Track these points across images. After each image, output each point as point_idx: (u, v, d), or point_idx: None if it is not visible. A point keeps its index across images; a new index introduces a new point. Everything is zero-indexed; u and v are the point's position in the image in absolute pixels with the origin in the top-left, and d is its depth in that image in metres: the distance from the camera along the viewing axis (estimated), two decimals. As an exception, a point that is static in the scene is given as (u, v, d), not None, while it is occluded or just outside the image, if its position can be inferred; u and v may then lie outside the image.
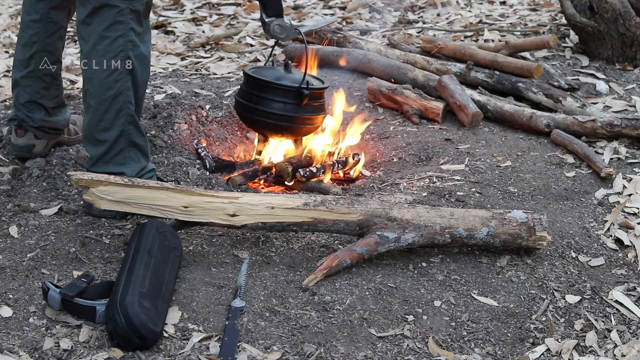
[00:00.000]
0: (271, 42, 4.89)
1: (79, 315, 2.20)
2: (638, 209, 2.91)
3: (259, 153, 3.39)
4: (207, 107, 3.76)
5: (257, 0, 3.03)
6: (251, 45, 4.87)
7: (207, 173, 3.16)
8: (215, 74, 4.36)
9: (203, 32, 5.10)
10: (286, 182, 3.18)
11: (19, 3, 5.44)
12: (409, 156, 3.37)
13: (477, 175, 3.11)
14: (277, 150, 3.39)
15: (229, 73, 4.38)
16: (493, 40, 4.67)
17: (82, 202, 2.74)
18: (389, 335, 2.26)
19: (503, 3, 5.67)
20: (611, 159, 3.29)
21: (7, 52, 4.55)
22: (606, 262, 2.64)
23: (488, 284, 2.48)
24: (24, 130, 3.04)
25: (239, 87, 3.37)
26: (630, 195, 3.00)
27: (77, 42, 2.72)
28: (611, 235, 2.76)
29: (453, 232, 2.52)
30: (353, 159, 3.32)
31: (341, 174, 3.34)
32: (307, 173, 3.16)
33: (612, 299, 2.48)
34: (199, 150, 3.35)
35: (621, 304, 2.46)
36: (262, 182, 3.25)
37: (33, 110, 3.01)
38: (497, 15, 5.36)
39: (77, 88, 3.97)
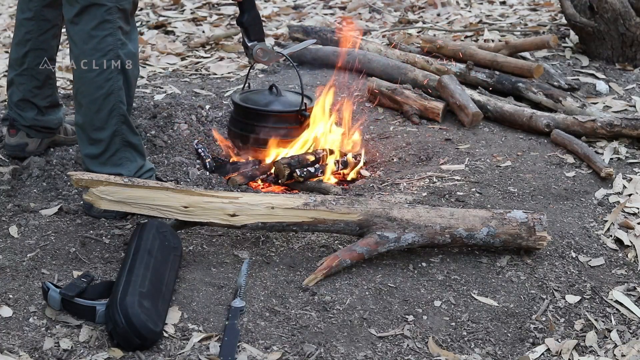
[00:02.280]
0: (270, 41, 4.90)
1: (79, 315, 2.19)
2: (638, 209, 2.91)
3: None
4: (207, 107, 3.76)
5: (239, 25, 3.07)
6: (251, 45, 4.87)
7: (207, 173, 3.16)
8: (215, 74, 4.37)
9: (203, 32, 5.10)
10: (280, 182, 3.18)
11: (19, 3, 5.43)
12: (409, 156, 3.37)
13: (477, 175, 3.11)
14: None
15: (229, 73, 4.38)
16: (493, 40, 4.67)
17: (82, 202, 2.74)
18: (389, 335, 2.26)
19: (503, 3, 5.67)
20: (611, 159, 3.29)
21: (7, 52, 4.55)
22: (606, 262, 2.64)
23: (488, 284, 2.48)
24: (16, 130, 3.05)
25: (233, 115, 3.40)
26: (630, 195, 3.00)
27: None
28: (611, 235, 2.76)
29: (453, 232, 2.52)
30: (355, 159, 3.32)
31: (341, 174, 3.34)
32: (305, 173, 3.16)
33: (612, 299, 2.48)
34: (199, 150, 3.35)
35: (621, 304, 2.46)
36: (261, 181, 3.25)
37: (25, 109, 3.01)
38: (497, 15, 5.36)
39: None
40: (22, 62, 2.96)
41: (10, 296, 2.28)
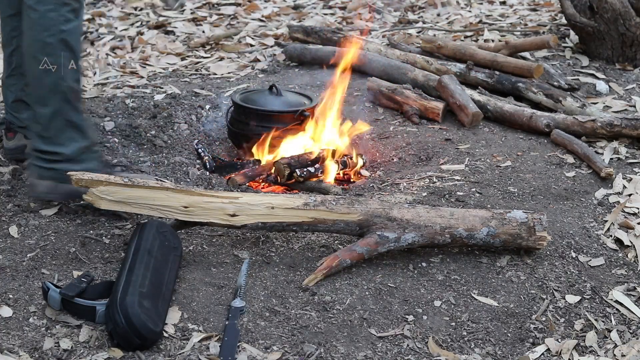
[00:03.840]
0: (270, 41, 4.90)
1: (79, 315, 2.19)
2: (638, 209, 2.90)
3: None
4: (207, 107, 3.76)
5: None
6: (251, 45, 4.88)
7: (207, 173, 3.16)
8: (215, 74, 4.37)
9: (203, 32, 5.10)
10: (279, 182, 3.18)
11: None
12: (409, 156, 3.37)
13: (477, 175, 3.11)
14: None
15: (229, 73, 4.39)
16: (493, 40, 4.67)
17: (82, 202, 2.73)
18: (389, 335, 2.26)
19: (503, 3, 5.67)
20: (611, 159, 3.29)
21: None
22: (606, 262, 2.64)
23: (488, 284, 2.48)
24: (13, 132, 3.05)
25: (236, 116, 3.42)
26: (630, 195, 3.00)
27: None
28: (611, 235, 2.76)
29: (453, 232, 2.52)
30: (352, 159, 3.31)
31: (341, 174, 3.34)
32: (305, 173, 3.16)
33: (612, 299, 2.48)
34: (199, 150, 3.35)
35: (621, 304, 2.46)
36: (261, 181, 3.25)
37: (19, 109, 3.00)
38: (497, 15, 5.37)
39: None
40: (9, 62, 2.94)
41: (10, 296, 2.28)
